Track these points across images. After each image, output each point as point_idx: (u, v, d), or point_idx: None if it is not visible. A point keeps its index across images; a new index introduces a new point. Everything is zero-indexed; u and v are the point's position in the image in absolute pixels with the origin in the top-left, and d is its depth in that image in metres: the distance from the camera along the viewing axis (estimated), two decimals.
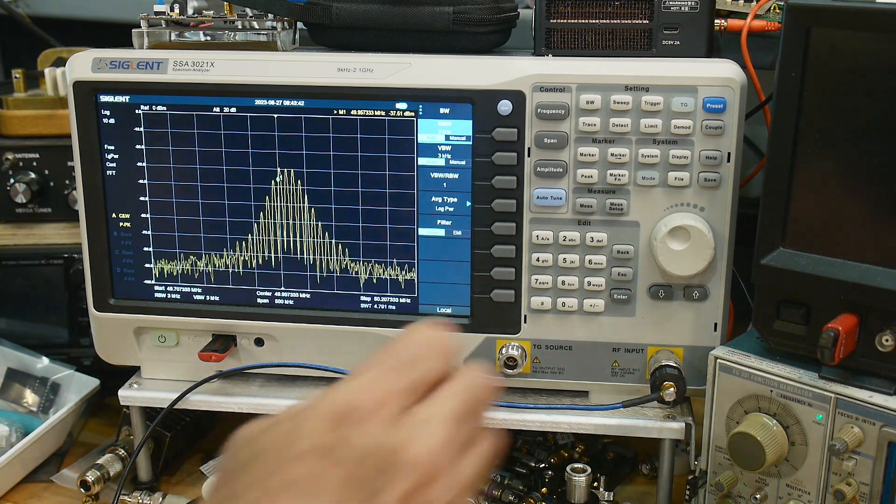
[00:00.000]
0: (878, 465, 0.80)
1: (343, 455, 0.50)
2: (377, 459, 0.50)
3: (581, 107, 0.91)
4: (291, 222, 0.98)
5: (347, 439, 0.50)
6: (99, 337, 1.05)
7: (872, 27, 0.75)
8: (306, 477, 0.50)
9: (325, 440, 0.50)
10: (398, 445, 0.51)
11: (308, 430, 0.51)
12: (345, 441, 0.50)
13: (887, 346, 0.80)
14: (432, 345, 0.56)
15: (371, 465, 0.50)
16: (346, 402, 0.52)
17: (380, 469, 0.50)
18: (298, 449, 0.51)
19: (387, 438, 0.51)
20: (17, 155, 1.20)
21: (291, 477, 0.50)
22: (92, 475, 1.04)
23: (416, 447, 0.51)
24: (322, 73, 0.94)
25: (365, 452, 0.50)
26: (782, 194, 0.82)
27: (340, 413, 0.51)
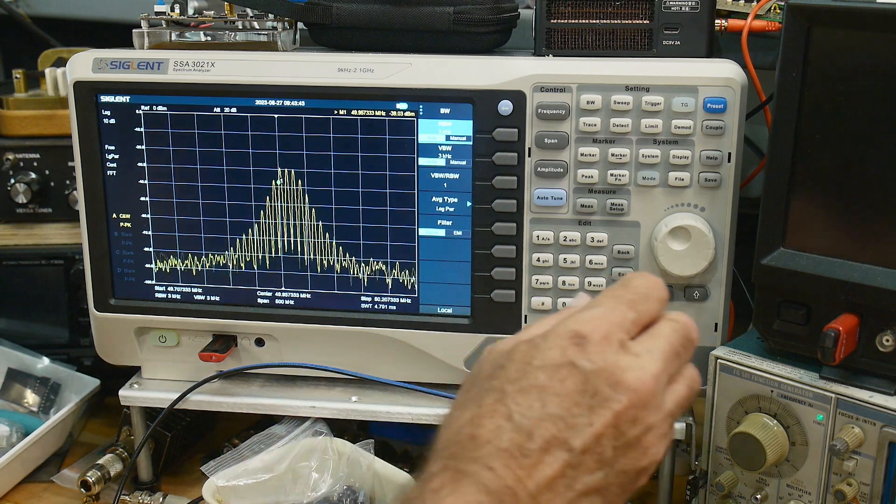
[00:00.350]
0: (878, 466, 0.80)
1: (577, 369, 0.59)
2: (604, 377, 0.59)
3: (581, 107, 0.91)
4: (292, 222, 0.98)
5: (582, 356, 0.60)
6: (99, 337, 1.05)
7: (872, 27, 0.75)
8: (543, 383, 0.59)
9: (565, 355, 0.60)
10: (622, 369, 0.60)
11: (550, 346, 0.61)
12: (580, 357, 0.60)
13: (887, 346, 0.80)
14: (654, 289, 0.65)
15: (599, 381, 0.59)
16: (583, 327, 0.61)
17: (605, 385, 0.59)
18: (541, 360, 0.60)
19: (615, 361, 0.60)
20: (18, 155, 1.20)
21: (531, 383, 0.59)
22: (92, 475, 1.04)
23: (636, 373, 0.60)
24: (322, 74, 0.94)
25: (596, 369, 0.59)
26: (782, 194, 0.82)
27: (578, 334, 0.60)
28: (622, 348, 0.61)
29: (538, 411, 0.58)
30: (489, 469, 0.57)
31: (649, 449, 0.61)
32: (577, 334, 0.61)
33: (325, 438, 0.96)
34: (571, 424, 0.58)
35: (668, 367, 0.63)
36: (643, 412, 0.60)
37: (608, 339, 0.61)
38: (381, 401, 1.00)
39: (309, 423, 0.99)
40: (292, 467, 0.94)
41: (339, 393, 1.02)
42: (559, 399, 0.59)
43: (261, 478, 0.93)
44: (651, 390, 0.60)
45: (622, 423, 0.59)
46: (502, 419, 0.59)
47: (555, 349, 0.60)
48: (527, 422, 0.58)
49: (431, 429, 1.05)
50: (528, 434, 0.58)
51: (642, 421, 0.60)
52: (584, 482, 0.59)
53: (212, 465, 0.94)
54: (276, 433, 0.99)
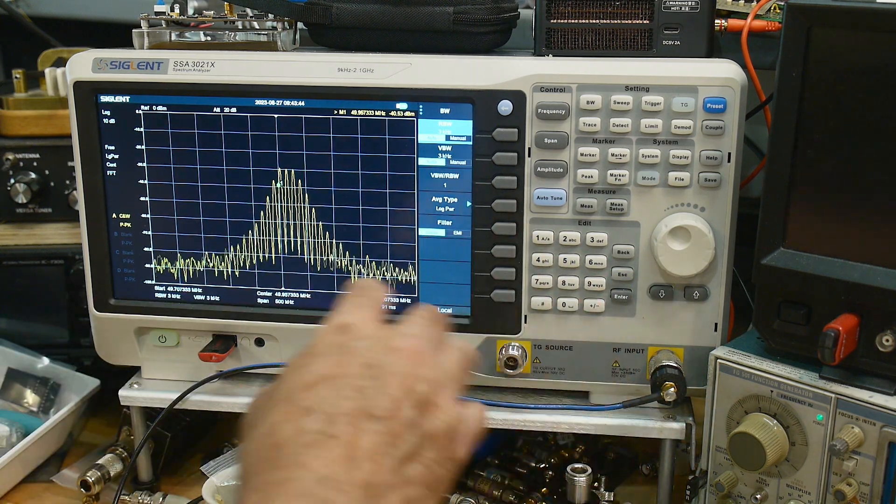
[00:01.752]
0: (878, 466, 0.80)
1: (352, 350, 0.62)
2: (378, 348, 0.63)
3: (581, 107, 0.91)
4: (292, 222, 0.98)
5: (353, 339, 0.63)
6: (99, 337, 1.05)
7: (872, 27, 0.75)
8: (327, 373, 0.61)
9: (337, 344, 0.63)
10: (389, 337, 0.64)
11: (320, 346, 0.63)
12: (351, 340, 0.63)
13: (887, 346, 0.80)
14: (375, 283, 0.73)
15: (375, 353, 0.62)
16: (342, 318, 0.65)
17: (381, 354, 0.62)
18: (316, 359, 0.62)
19: (381, 334, 0.64)
20: (18, 155, 1.20)
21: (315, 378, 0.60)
22: (92, 475, 1.04)
23: (402, 338, 0.64)
24: (322, 74, 0.94)
25: (369, 344, 0.63)
26: (782, 194, 0.82)
27: (340, 325, 0.64)
28: (383, 324, 0.66)
29: (331, 396, 0.59)
30: (301, 467, 0.56)
31: (444, 406, 0.62)
32: (340, 325, 0.64)
33: None
34: (367, 396, 0.59)
35: (430, 333, 0.67)
36: (423, 369, 0.63)
37: (368, 319, 0.65)
38: None
39: None
40: None
41: None
42: (347, 379, 0.60)
43: None
44: (420, 348, 0.64)
45: (410, 381, 0.61)
46: (299, 416, 0.58)
47: (325, 344, 0.63)
48: (325, 407, 0.59)
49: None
50: (330, 418, 0.58)
51: (427, 378, 0.62)
52: (400, 448, 0.59)
53: (212, 465, 0.94)
54: None
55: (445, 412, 0.62)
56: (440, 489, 0.62)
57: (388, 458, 0.58)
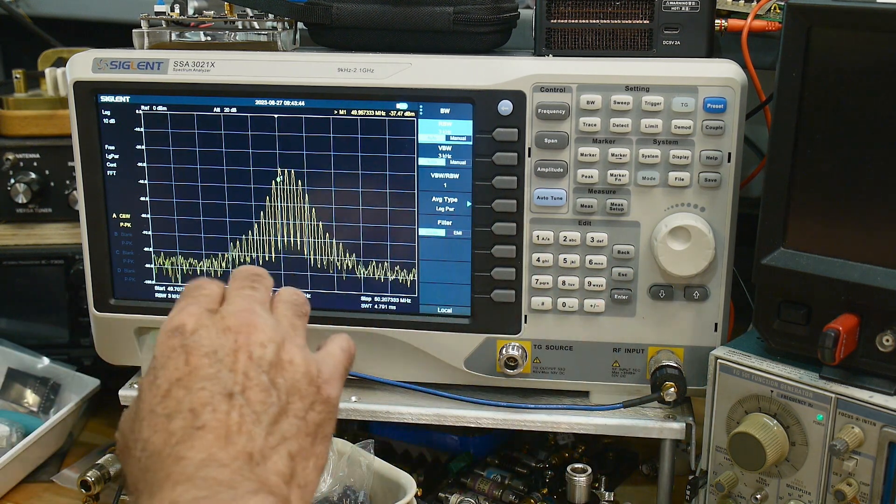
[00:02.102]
0: (878, 466, 0.80)
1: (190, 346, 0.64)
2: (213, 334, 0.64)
3: (581, 107, 0.91)
4: (292, 222, 0.98)
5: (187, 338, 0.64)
6: (99, 337, 1.05)
7: (872, 27, 0.75)
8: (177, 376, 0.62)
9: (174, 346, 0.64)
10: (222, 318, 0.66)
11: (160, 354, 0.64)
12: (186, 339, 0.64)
13: (887, 346, 0.80)
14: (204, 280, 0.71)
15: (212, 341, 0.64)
16: (170, 323, 0.66)
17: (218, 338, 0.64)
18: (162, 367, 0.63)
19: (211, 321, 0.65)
20: (18, 155, 1.20)
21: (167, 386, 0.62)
22: (92, 475, 1.03)
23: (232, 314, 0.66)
24: (322, 74, 0.94)
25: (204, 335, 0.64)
26: (783, 194, 0.82)
27: (172, 329, 0.65)
28: (210, 312, 0.67)
29: (186, 395, 0.62)
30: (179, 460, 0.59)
31: (294, 359, 0.65)
32: (172, 329, 0.65)
33: None
34: (218, 380, 0.62)
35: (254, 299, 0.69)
36: (261, 335, 0.65)
37: (198, 315, 0.66)
38: (381, 401, 1.00)
39: None
40: None
41: None
42: (194, 375, 0.62)
43: None
44: (252, 320, 0.66)
45: (253, 351, 0.64)
46: (164, 424, 0.61)
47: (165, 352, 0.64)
48: (185, 406, 0.61)
49: (431, 429, 1.05)
50: (193, 412, 0.61)
51: (267, 341, 0.64)
52: (266, 412, 0.62)
53: None
54: None
55: (296, 364, 0.65)
56: (323, 432, 0.65)
57: (257, 426, 0.61)
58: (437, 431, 1.08)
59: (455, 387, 1.00)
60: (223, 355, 0.63)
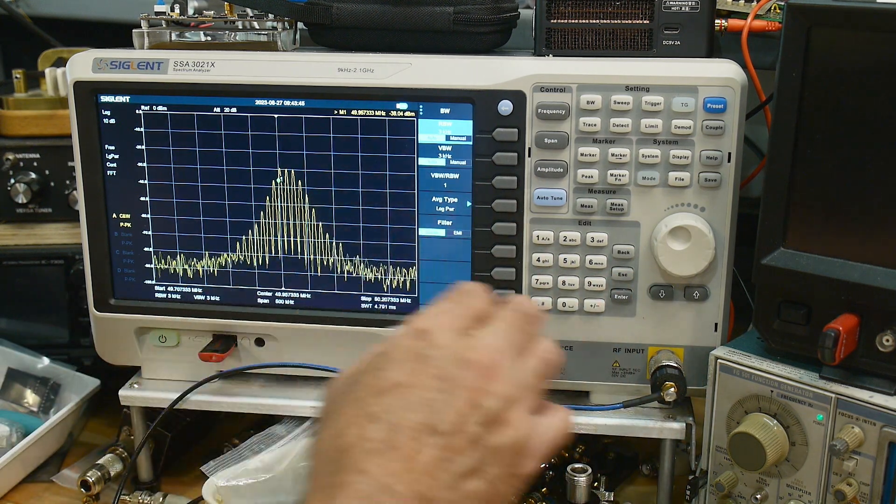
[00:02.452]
0: (878, 466, 0.80)
1: (426, 359, 0.61)
2: (451, 360, 0.61)
3: (581, 107, 0.91)
4: (292, 222, 0.98)
5: (428, 347, 0.62)
6: (99, 337, 1.05)
7: (872, 27, 0.75)
8: (398, 380, 0.61)
9: (411, 350, 0.62)
10: (466, 349, 0.62)
11: (396, 348, 0.63)
12: (426, 348, 0.62)
13: (888, 346, 0.80)
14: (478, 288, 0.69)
15: (447, 365, 0.61)
16: (423, 323, 0.64)
17: (453, 367, 0.61)
18: (390, 362, 0.62)
19: (457, 345, 0.63)
20: (18, 155, 1.20)
21: (385, 384, 0.61)
22: (92, 475, 1.04)
23: (479, 350, 0.63)
24: (322, 74, 0.94)
25: (442, 354, 0.62)
26: (782, 194, 0.82)
27: (419, 330, 0.63)
28: (463, 334, 0.64)
29: (399, 406, 0.60)
30: (361, 472, 0.57)
31: (514, 422, 0.62)
32: (419, 330, 0.63)
33: None
34: (433, 410, 0.59)
35: (512, 342, 0.65)
36: (495, 384, 0.62)
37: (448, 328, 0.64)
38: None
39: (309, 423, 0.99)
40: (292, 467, 0.94)
41: None
42: (416, 389, 0.60)
43: (261, 478, 0.93)
44: (496, 363, 0.62)
45: (479, 398, 0.61)
46: (365, 422, 0.59)
47: (401, 349, 0.63)
48: (391, 417, 0.59)
49: None
50: (394, 428, 0.59)
51: (498, 394, 0.61)
52: (460, 463, 0.59)
53: (212, 465, 0.94)
54: (276, 433, 0.99)
55: (514, 428, 0.62)
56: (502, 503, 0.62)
57: (446, 474, 0.59)
58: None
59: None
60: (450, 387, 0.60)
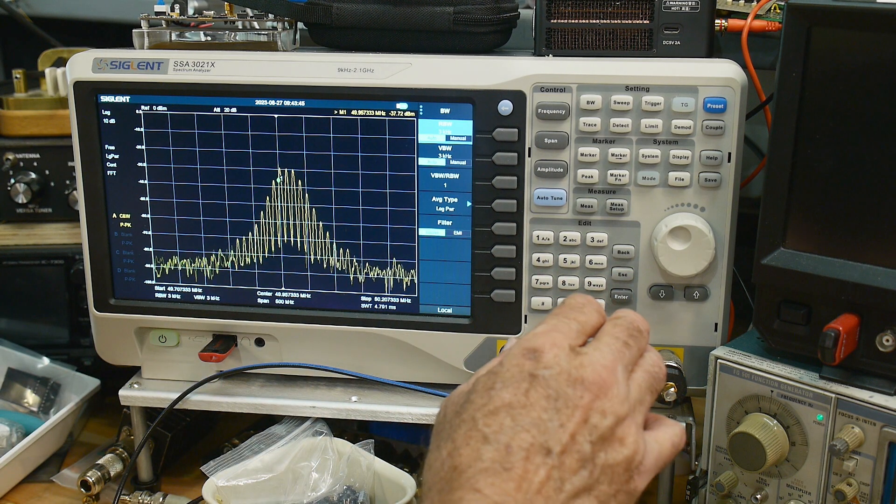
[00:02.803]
0: (878, 466, 0.80)
1: (537, 379, 0.63)
2: (563, 379, 0.63)
3: (581, 107, 0.91)
4: (292, 222, 0.98)
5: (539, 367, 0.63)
6: (99, 337, 1.05)
7: (872, 27, 0.75)
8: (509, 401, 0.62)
9: (523, 370, 0.63)
10: (577, 367, 0.64)
11: (507, 368, 0.64)
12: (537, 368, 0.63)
13: (888, 346, 0.80)
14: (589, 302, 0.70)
15: (559, 385, 0.62)
16: (534, 342, 0.65)
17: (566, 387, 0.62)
18: (502, 382, 0.63)
19: (569, 363, 0.64)
20: (18, 155, 1.20)
21: (497, 404, 0.62)
22: (92, 475, 1.04)
23: (591, 368, 0.64)
24: (322, 73, 0.94)
25: (554, 374, 0.63)
26: (783, 194, 0.82)
27: (531, 350, 0.64)
28: (573, 353, 0.65)
29: (510, 426, 0.61)
30: (475, 491, 0.59)
31: (626, 439, 0.63)
32: (530, 350, 0.64)
33: (325, 438, 0.96)
34: (545, 430, 0.61)
35: (621, 358, 0.66)
36: (608, 403, 0.63)
37: (559, 347, 0.65)
38: (381, 401, 1.00)
39: (309, 423, 0.99)
40: (292, 467, 0.94)
41: (339, 393, 1.02)
42: (527, 410, 0.61)
43: (261, 478, 0.93)
44: (608, 381, 0.64)
45: (591, 417, 0.62)
46: (478, 443, 0.61)
47: (512, 368, 0.64)
48: (503, 438, 0.60)
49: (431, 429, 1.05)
50: (507, 448, 0.60)
51: (610, 412, 0.63)
52: (572, 483, 0.60)
53: (212, 465, 0.94)
54: (276, 433, 0.99)
55: (626, 445, 0.63)
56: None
57: (559, 493, 0.60)
58: None
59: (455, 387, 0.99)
60: (562, 405, 0.62)
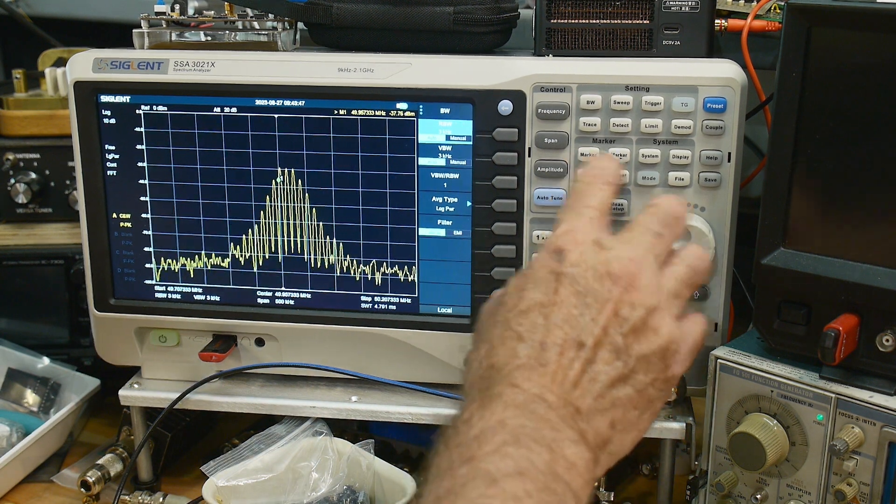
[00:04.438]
0: (878, 466, 0.80)
1: (565, 276, 0.64)
2: (591, 274, 0.64)
3: (581, 107, 0.91)
4: (292, 222, 0.98)
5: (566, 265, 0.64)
6: (99, 337, 1.05)
7: (872, 27, 0.75)
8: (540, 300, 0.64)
9: (550, 270, 0.65)
10: (604, 262, 0.64)
11: (535, 269, 0.65)
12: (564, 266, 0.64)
13: (888, 346, 0.80)
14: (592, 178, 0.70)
15: (587, 280, 0.64)
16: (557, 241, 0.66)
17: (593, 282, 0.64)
18: (531, 283, 0.65)
19: (596, 258, 0.65)
20: (18, 155, 1.20)
21: (528, 304, 0.64)
22: (92, 475, 1.04)
23: (618, 262, 0.64)
24: (322, 73, 0.94)
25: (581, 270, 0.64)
26: (783, 194, 0.82)
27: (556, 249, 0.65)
28: (598, 246, 0.65)
29: (543, 324, 0.63)
30: (513, 386, 0.61)
31: (660, 329, 0.64)
32: (555, 250, 0.66)
33: (325, 438, 0.96)
34: (576, 325, 0.62)
35: (652, 249, 0.67)
36: (637, 295, 0.64)
37: (582, 244, 0.65)
38: (381, 401, 1.00)
39: (309, 423, 0.99)
40: (292, 467, 0.94)
41: (339, 393, 1.02)
42: (558, 308, 0.63)
43: (261, 478, 0.93)
44: (636, 274, 0.64)
45: (621, 309, 0.63)
46: (513, 342, 0.63)
47: (540, 269, 0.65)
48: (536, 336, 0.62)
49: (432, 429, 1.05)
50: (541, 345, 0.62)
51: (640, 304, 0.63)
52: (607, 374, 0.62)
53: (212, 465, 0.94)
54: (276, 433, 0.99)
55: (659, 335, 0.64)
56: (653, 408, 0.65)
57: (595, 384, 0.62)
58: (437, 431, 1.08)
59: (455, 387, 1.00)
60: (592, 301, 0.63)
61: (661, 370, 0.64)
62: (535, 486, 0.57)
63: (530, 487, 0.57)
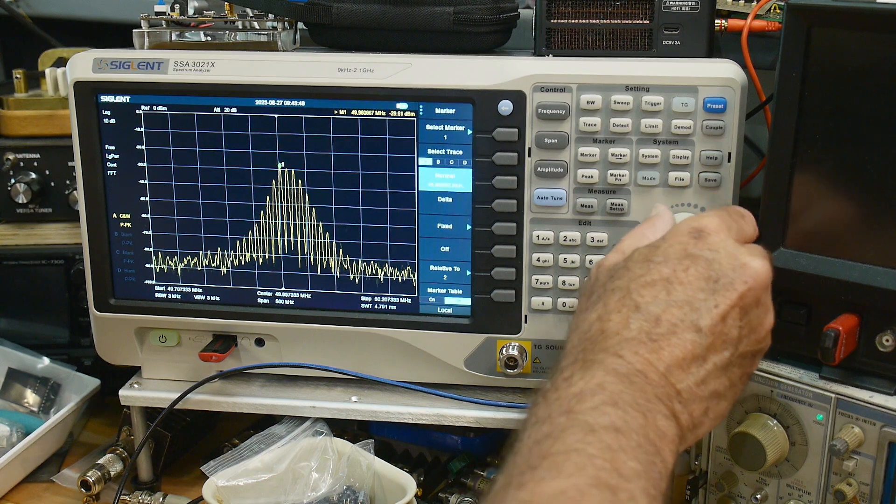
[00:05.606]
0: (878, 466, 0.80)
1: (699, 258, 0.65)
2: (727, 262, 0.65)
3: (581, 107, 0.91)
4: (292, 222, 0.98)
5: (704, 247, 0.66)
6: (99, 337, 1.05)
7: (872, 27, 0.75)
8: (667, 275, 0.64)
9: (686, 248, 0.66)
10: (744, 254, 0.66)
11: (670, 244, 0.66)
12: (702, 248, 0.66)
13: (887, 346, 0.80)
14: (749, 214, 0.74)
15: (721, 267, 0.65)
16: (701, 223, 0.68)
17: (728, 270, 0.65)
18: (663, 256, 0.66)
19: (735, 250, 0.67)
20: (18, 155, 1.20)
21: (654, 277, 0.65)
22: (92, 475, 1.04)
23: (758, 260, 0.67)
24: (322, 73, 0.94)
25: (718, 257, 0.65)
26: (782, 194, 0.82)
27: (697, 229, 0.67)
28: (738, 241, 0.68)
29: (664, 300, 0.64)
30: (618, 356, 0.62)
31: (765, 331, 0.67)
32: (696, 229, 0.67)
33: (325, 438, 0.96)
34: (697, 308, 0.63)
35: None
36: (765, 294, 0.67)
37: (726, 232, 0.67)
38: (381, 401, 1.00)
39: (309, 423, 0.99)
40: (292, 467, 0.94)
41: (339, 393, 1.02)
42: (683, 287, 0.64)
43: (261, 478, 0.93)
44: (769, 277, 0.67)
45: (746, 303, 0.65)
46: (629, 311, 0.64)
47: (675, 245, 0.66)
48: (654, 309, 0.63)
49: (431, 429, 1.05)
50: (656, 320, 0.63)
51: (764, 303, 0.66)
52: (713, 361, 0.64)
53: (212, 465, 0.94)
54: (276, 433, 0.99)
55: (766, 340, 0.67)
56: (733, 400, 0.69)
57: (699, 370, 0.63)
58: (437, 431, 1.08)
59: (455, 387, 1.00)
60: (720, 287, 0.64)
61: (749, 366, 0.67)
62: (629, 444, 0.59)
63: (624, 443, 0.58)
